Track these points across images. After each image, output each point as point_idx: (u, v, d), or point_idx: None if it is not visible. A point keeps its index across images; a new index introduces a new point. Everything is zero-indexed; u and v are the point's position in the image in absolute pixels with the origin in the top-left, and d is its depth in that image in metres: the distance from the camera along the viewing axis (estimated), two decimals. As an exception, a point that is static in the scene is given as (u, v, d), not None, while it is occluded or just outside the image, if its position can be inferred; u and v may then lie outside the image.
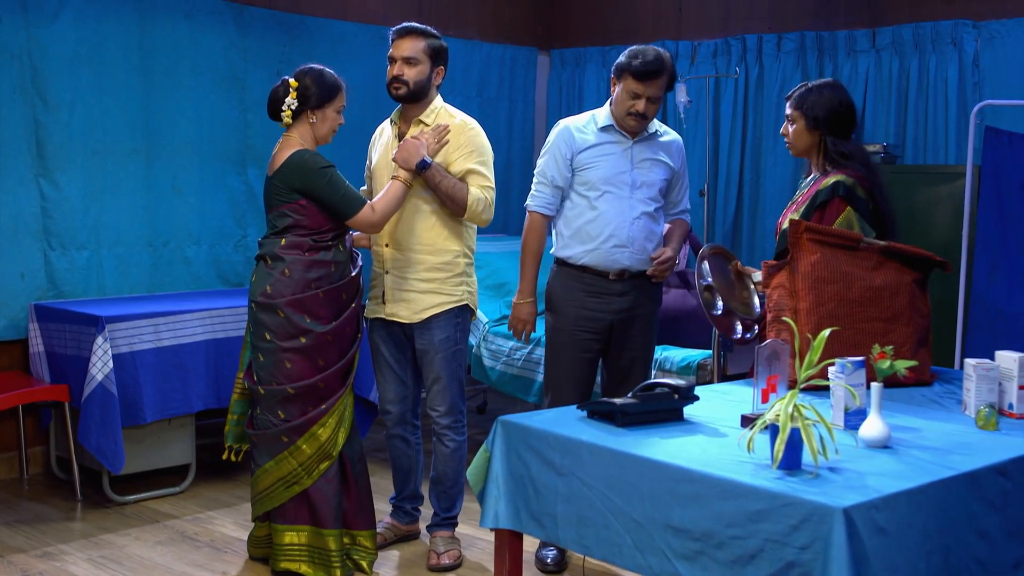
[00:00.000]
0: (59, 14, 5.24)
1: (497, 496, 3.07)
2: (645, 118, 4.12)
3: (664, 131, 4.28)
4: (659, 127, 4.27)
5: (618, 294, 4.20)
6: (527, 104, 7.55)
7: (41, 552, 4.39)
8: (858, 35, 6.21)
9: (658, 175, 4.20)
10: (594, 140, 4.19)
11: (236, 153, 5.96)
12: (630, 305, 4.21)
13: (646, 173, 4.18)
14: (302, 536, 4.06)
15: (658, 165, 4.20)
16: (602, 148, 4.18)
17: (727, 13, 6.82)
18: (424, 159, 4.06)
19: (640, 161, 4.18)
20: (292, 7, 6.19)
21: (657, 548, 2.66)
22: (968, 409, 3.16)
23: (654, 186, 4.19)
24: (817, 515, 2.33)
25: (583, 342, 4.24)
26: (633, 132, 4.17)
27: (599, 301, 4.22)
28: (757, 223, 6.64)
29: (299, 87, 3.98)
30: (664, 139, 4.25)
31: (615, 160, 4.17)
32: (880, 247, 3.54)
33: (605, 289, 4.21)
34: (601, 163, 4.17)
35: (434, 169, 4.09)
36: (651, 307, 4.29)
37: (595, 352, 4.27)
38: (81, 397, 4.80)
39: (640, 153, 4.18)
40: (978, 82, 5.79)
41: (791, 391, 2.57)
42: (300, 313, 3.94)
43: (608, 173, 4.17)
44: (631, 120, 4.11)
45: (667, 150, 4.23)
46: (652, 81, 4.07)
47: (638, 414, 2.99)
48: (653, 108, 4.12)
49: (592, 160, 4.18)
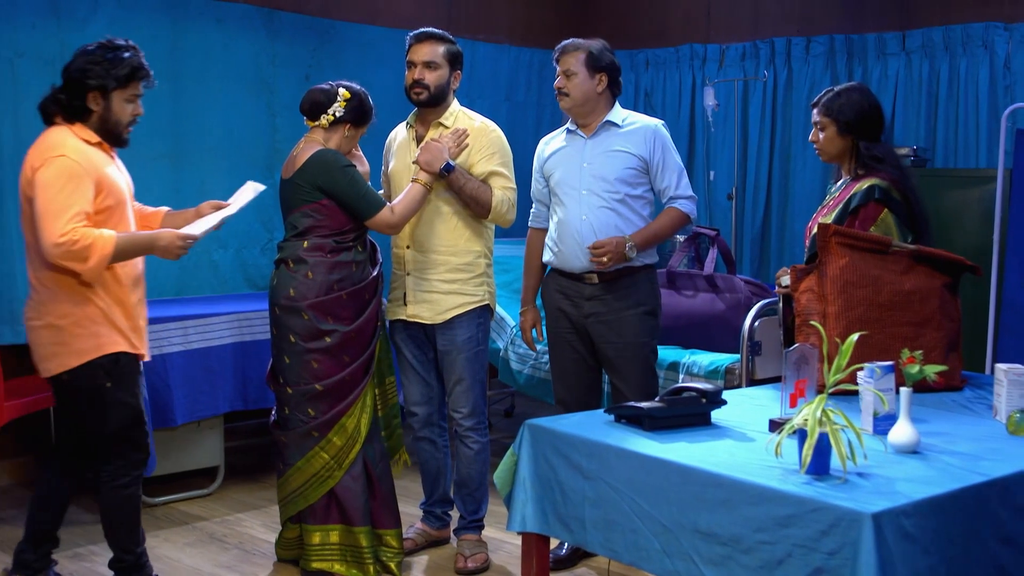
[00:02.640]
0: (91, 20, 5.28)
1: (524, 500, 3.08)
2: (565, 95, 4.16)
3: (632, 121, 4.23)
4: (627, 117, 4.24)
5: (587, 297, 4.22)
6: (556, 108, 7.53)
7: (72, 553, 4.43)
8: (888, 38, 6.17)
9: (616, 166, 4.16)
10: (555, 147, 4.32)
11: (264, 157, 5.98)
12: (602, 308, 4.20)
13: (600, 167, 4.17)
14: (333, 535, 4.09)
15: (615, 156, 4.16)
16: (560, 152, 4.29)
17: (756, 16, 6.80)
18: (448, 162, 4.09)
19: (594, 156, 4.18)
20: (322, 12, 6.21)
21: (685, 553, 2.65)
22: (999, 414, 3.13)
23: (610, 179, 4.15)
24: (846, 520, 2.32)
25: (566, 343, 4.31)
26: (581, 124, 4.21)
27: (571, 304, 4.27)
28: (786, 227, 6.61)
29: (349, 100, 4.02)
30: (629, 128, 4.21)
31: (568, 161, 4.24)
32: (910, 251, 3.52)
33: (576, 292, 4.25)
34: (558, 167, 4.27)
35: (458, 172, 4.12)
36: (631, 308, 4.19)
37: (582, 352, 4.29)
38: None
39: (593, 148, 4.19)
40: (1009, 85, 5.74)
41: (819, 396, 2.56)
42: (323, 316, 3.97)
43: (561, 175, 4.25)
44: (559, 100, 4.21)
45: (630, 139, 4.18)
46: (561, 58, 4.18)
47: (665, 418, 2.98)
48: (572, 83, 4.14)
49: (552, 166, 4.31)
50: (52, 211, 3.37)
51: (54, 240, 3.35)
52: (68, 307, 3.55)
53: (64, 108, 3.55)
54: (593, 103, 4.18)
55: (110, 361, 3.58)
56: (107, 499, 3.71)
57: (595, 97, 4.18)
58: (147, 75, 3.60)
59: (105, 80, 3.51)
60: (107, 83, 3.51)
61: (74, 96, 3.53)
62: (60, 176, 3.41)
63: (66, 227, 3.36)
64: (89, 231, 3.40)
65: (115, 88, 3.54)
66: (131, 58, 3.56)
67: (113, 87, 3.53)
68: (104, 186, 3.51)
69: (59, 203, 3.38)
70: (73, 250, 3.36)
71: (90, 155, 3.51)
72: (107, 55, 3.53)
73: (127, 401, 3.63)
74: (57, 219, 3.36)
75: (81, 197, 3.41)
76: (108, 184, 3.53)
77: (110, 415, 3.62)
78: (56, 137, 3.52)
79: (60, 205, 3.37)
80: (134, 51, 3.59)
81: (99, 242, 3.40)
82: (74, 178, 3.41)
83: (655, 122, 4.26)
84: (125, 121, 3.61)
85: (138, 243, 3.55)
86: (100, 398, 3.60)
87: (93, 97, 3.53)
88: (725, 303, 4.81)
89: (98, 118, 3.57)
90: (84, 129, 3.56)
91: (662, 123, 4.26)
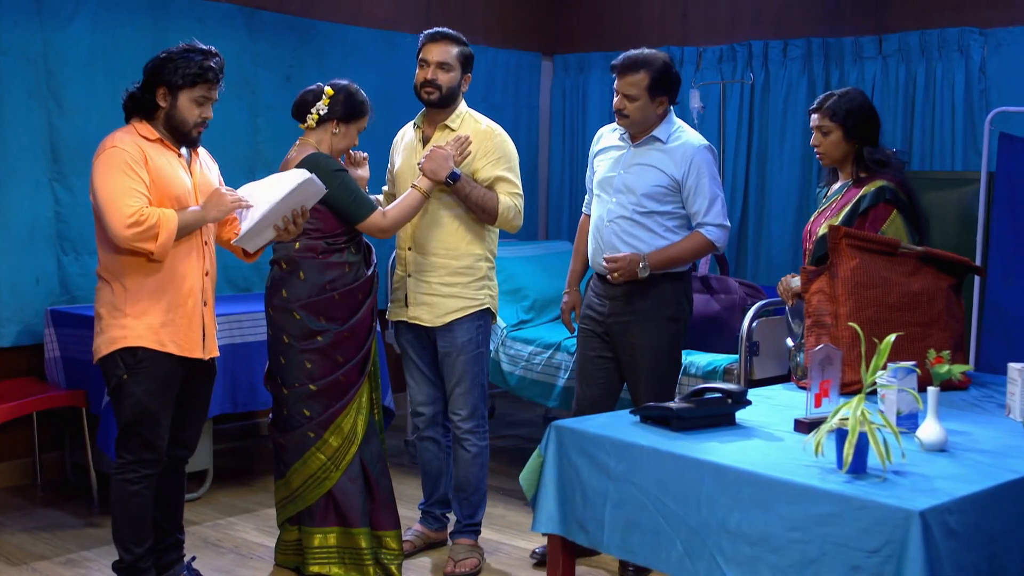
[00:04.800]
0: (74, 18, 5.22)
1: (549, 501, 3.08)
2: (625, 116, 4.11)
3: (676, 138, 4.15)
4: (675, 132, 4.16)
5: (611, 297, 4.22)
6: (532, 109, 7.57)
7: (64, 559, 4.36)
8: (864, 42, 6.25)
9: (646, 181, 4.12)
10: (608, 144, 4.30)
11: (245, 157, 5.93)
12: (622, 311, 4.20)
13: (633, 178, 4.15)
14: (331, 538, 4.07)
15: (648, 171, 4.13)
16: (607, 152, 4.28)
17: (733, 19, 6.86)
18: (454, 171, 4.07)
19: (630, 166, 4.17)
20: (303, 12, 6.17)
21: (708, 554, 2.67)
22: (1013, 412, 3.19)
23: (639, 192, 4.12)
24: (892, 518, 2.35)
25: (588, 340, 4.32)
26: (631, 135, 4.19)
27: (599, 302, 4.27)
28: (763, 228, 6.67)
29: (333, 96, 3.99)
30: (671, 145, 4.13)
31: (610, 164, 4.23)
32: (917, 252, 3.58)
33: (604, 292, 4.25)
34: (601, 167, 4.28)
35: (463, 181, 4.10)
36: (651, 313, 4.16)
37: (602, 352, 4.28)
38: (98, 403, 4.77)
39: (633, 158, 4.18)
40: (984, 89, 5.84)
41: (857, 395, 2.59)
42: (315, 316, 3.95)
43: (601, 176, 4.26)
44: (617, 118, 4.16)
45: (668, 156, 4.11)
46: (623, 76, 4.08)
47: (693, 419, 3.00)
48: (632, 106, 4.07)
49: (599, 164, 4.31)
50: (112, 197, 3.48)
51: (124, 223, 3.45)
52: (108, 295, 3.65)
53: (136, 101, 3.65)
54: (650, 123, 4.15)
55: (128, 354, 3.61)
56: (114, 491, 3.72)
57: (654, 118, 4.14)
58: (215, 80, 3.65)
59: (173, 77, 3.59)
60: (175, 80, 3.59)
61: (146, 89, 3.63)
62: (112, 165, 3.51)
63: (131, 208, 3.45)
64: (152, 210, 3.49)
65: (182, 86, 3.60)
66: (202, 61, 3.62)
67: (180, 85, 3.60)
68: (154, 179, 3.57)
69: (117, 189, 3.48)
70: (142, 229, 3.45)
71: (144, 148, 3.58)
72: (183, 55, 3.61)
73: (139, 396, 3.63)
74: (120, 204, 3.46)
75: (137, 181, 3.51)
76: (159, 178, 3.58)
77: (123, 406, 3.66)
78: (113, 133, 3.63)
79: (119, 191, 3.47)
80: (210, 56, 3.65)
81: (163, 218, 3.50)
82: (125, 165, 3.51)
83: (699, 143, 4.14)
84: (192, 121, 3.66)
85: (195, 215, 3.64)
86: (118, 388, 3.66)
87: (162, 93, 3.62)
88: (720, 304, 4.85)
89: (164, 115, 3.65)
90: (145, 126, 3.65)
91: (707, 145, 4.16)
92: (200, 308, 3.76)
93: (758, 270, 6.66)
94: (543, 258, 6.12)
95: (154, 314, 3.63)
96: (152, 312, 3.63)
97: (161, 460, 3.73)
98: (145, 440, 3.67)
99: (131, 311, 3.61)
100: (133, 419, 3.65)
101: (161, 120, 3.66)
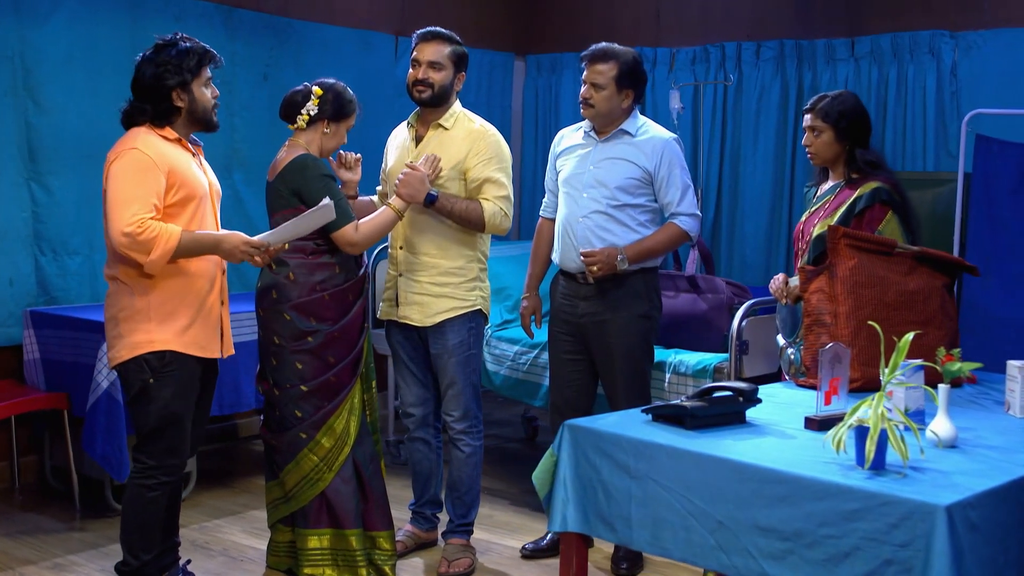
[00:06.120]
0: (52, 16, 5.15)
1: (565, 500, 3.09)
2: (591, 106, 4.16)
3: (644, 131, 4.22)
4: (642, 126, 4.23)
5: (583, 297, 4.24)
6: (504, 109, 7.58)
7: (51, 563, 4.31)
8: (837, 44, 6.34)
9: (619, 174, 4.17)
10: (572, 143, 4.34)
11: (222, 157, 5.86)
12: (596, 309, 4.23)
13: (604, 172, 4.18)
14: (324, 540, 4.05)
15: (619, 164, 4.18)
16: (573, 150, 4.32)
17: (706, 20, 6.91)
18: (430, 193, 4.07)
19: (600, 160, 4.21)
20: (280, 10, 6.14)
21: (743, 548, 2.69)
22: (1013, 409, 3.26)
23: (610, 186, 4.16)
24: (918, 513, 2.39)
25: (561, 342, 4.35)
26: (597, 129, 4.23)
27: (569, 303, 4.30)
28: (736, 228, 6.74)
29: (323, 96, 3.98)
30: (640, 139, 4.19)
31: (578, 161, 4.26)
32: (913, 252, 3.65)
33: (574, 292, 4.27)
34: (568, 164, 4.30)
35: (442, 199, 4.11)
36: (625, 310, 4.19)
37: (577, 354, 4.32)
38: (81, 405, 4.71)
39: (601, 153, 4.22)
40: (955, 91, 5.95)
41: (877, 393, 2.63)
42: (305, 316, 3.94)
43: (568, 174, 4.29)
44: (583, 108, 4.20)
45: (638, 149, 4.17)
46: (592, 65, 4.15)
47: (706, 417, 3.03)
48: (599, 95, 4.13)
49: (564, 162, 4.34)
50: (120, 201, 3.43)
51: (121, 229, 3.39)
52: (127, 300, 3.59)
53: (153, 116, 3.60)
54: (615, 116, 4.20)
55: (156, 358, 3.58)
56: (128, 494, 3.69)
57: (619, 111, 4.19)
58: (213, 56, 3.67)
59: (181, 75, 3.57)
60: (184, 77, 3.58)
61: (159, 101, 3.58)
62: (130, 167, 3.46)
63: (133, 217, 3.39)
64: (156, 223, 3.42)
65: (192, 79, 3.59)
66: (193, 47, 3.61)
67: (190, 79, 3.59)
68: (177, 180, 3.53)
69: (128, 193, 3.43)
70: (138, 240, 3.39)
71: (164, 150, 3.54)
72: (172, 53, 3.58)
73: (166, 400, 3.59)
74: (125, 209, 3.41)
75: (150, 189, 3.45)
76: (181, 179, 3.55)
77: (150, 412, 3.61)
78: (132, 133, 3.57)
79: (129, 195, 3.42)
80: (191, 40, 3.63)
81: (164, 235, 3.43)
82: (144, 170, 3.46)
83: (667, 136, 4.24)
84: (210, 105, 3.67)
85: (203, 243, 3.57)
86: (144, 393, 3.61)
87: (177, 95, 3.59)
88: (707, 303, 4.88)
89: (186, 113, 3.63)
90: (165, 128, 3.61)
91: (675, 137, 4.26)
92: (219, 307, 3.74)
93: (731, 268, 6.72)
94: (525, 257, 6.10)
95: (181, 317, 3.60)
96: (179, 314, 3.60)
97: (183, 467, 3.71)
98: (170, 445, 3.64)
99: (156, 315, 3.57)
100: (159, 424, 3.61)
101: (183, 119, 3.63)
